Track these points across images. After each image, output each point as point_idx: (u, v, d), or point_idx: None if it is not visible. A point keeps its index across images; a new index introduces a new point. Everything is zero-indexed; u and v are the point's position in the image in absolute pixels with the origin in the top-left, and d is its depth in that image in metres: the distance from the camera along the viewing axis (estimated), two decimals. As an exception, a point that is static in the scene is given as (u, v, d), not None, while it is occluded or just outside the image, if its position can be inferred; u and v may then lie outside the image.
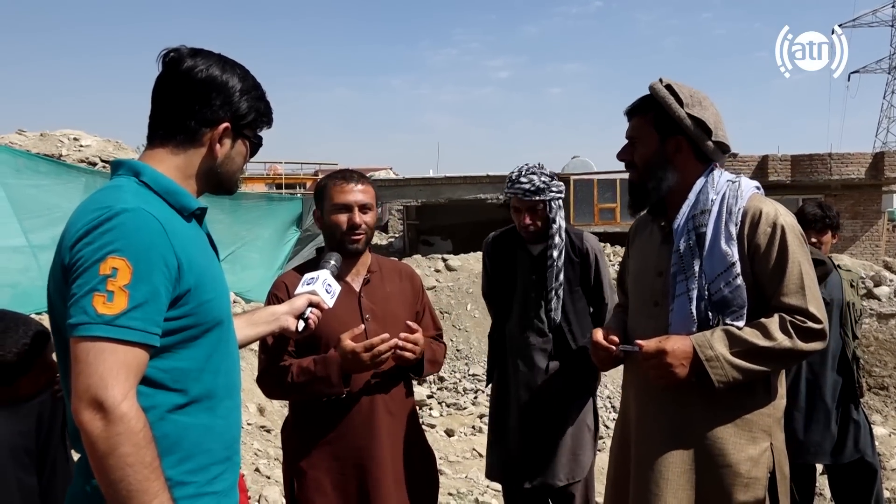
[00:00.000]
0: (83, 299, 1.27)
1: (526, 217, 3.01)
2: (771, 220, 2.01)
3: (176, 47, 1.52)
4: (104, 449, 1.22)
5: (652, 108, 2.08)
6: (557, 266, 3.00)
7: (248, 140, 1.59)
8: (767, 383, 2.06)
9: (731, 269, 1.99)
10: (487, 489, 5.15)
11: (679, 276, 2.07)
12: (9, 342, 1.98)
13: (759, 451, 2.03)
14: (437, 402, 7.57)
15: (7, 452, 1.92)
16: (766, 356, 1.96)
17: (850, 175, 18.15)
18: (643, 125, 2.11)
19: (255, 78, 1.59)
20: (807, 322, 1.96)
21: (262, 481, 4.66)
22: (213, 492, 1.47)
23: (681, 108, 2.04)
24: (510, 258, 3.17)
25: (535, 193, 2.97)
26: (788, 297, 1.98)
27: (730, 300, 2.00)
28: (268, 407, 6.18)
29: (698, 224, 2.05)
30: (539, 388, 3.03)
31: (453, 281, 12.09)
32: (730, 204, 2.04)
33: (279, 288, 2.38)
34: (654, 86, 2.08)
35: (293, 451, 2.37)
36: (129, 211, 1.34)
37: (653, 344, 2.00)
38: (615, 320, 2.44)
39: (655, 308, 2.16)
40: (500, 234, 3.28)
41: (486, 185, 19.72)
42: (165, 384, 1.39)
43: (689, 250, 2.05)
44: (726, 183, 2.10)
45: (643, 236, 2.32)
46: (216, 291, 1.48)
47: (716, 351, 1.95)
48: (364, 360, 2.15)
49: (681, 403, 2.07)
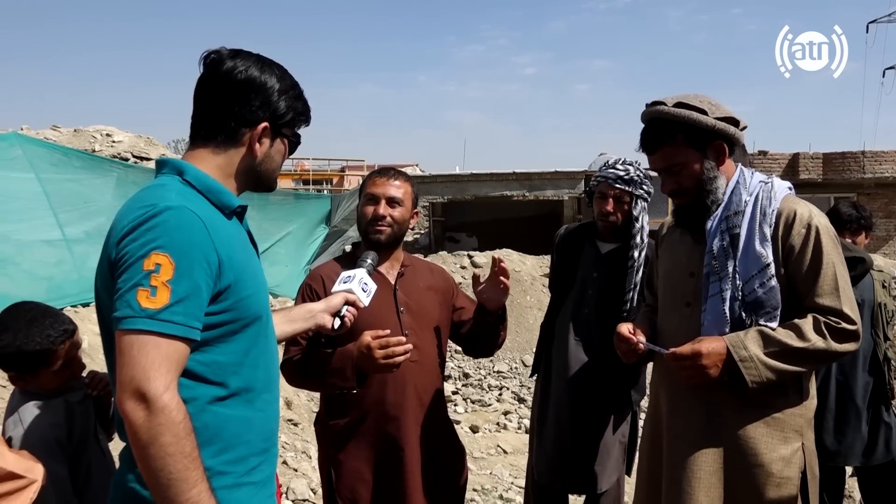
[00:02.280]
0: (128, 294, 1.31)
1: (610, 204, 2.92)
2: (805, 222, 2.02)
3: (216, 49, 1.56)
4: (146, 438, 1.27)
5: (678, 130, 2.06)
6: (638, 264, 2.88)
7: (286, 138, 1.62)
8: (799, 384, 2.07)
9: (765, 270, 2.00)
10: (512, 486, 5.16)
11: (712, 277, 2.07)
12: (34, 332, 2.04)
13: (791, 451, 2.03)
14: (462, 399, 7.59)
15: (39, 442, 1.98)
16: (800, 357, 1.96)
17: (883, 173, 17.78)
18: (677, 150, 2.08)
19: (292, 77, 1.62)
20: (841, 323, 1.96)
21: (289, 474, 4.72)
22: (251, 482, 1.51)
23: (709, 117, 2.03)
24: (576, 252, 3.09)
25: (627, 183, 2.89)
26: (822, 297, 1.98)
27: (764, 301, 2.01)
28: (294, 401, 6.25)
29: (732, 225, 2.06)
30: (577, 388, 2.94)
31: (479, 278, 12.09)
32: (763, 205, 2.05)
33: (315, 279, 2.41)
34: (665, 110, 2.06)
35: (328, 442, 2.41)
36: (173, 209, 1.38)
37: (687, 347, 2.01)
38: (644, 319, 2.43)
39: (687, 308, 2.16)
40: (574, 228, 3.22)
41: (513, 182, 19.67)
42: (206, 377, 1.43)
43: (723, 251, 2.06)
44: (759, 184, 2.11)
45: (674, 237, 2.31)
46: (255, 287, 1.52)
47: (750, 351, 1.96)
48: (376, 358, 2.12)
49: (712, 403, 2.07)
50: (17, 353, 2.03)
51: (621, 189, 2.89)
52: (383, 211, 2.38)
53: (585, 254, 3.05)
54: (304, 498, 4.45)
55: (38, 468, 1.73)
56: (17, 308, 2.11)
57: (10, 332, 2.03)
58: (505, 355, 8.67)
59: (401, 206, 2.42)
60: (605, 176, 2.92)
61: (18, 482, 1.69)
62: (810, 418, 2.11)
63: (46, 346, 2.05)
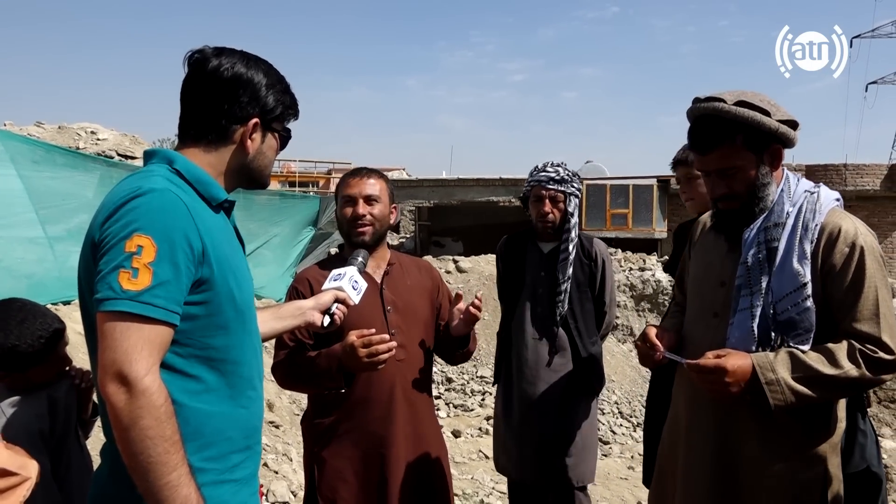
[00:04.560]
0: (109, 275, 1.31)
1: (546, 205, 3.08)
2: (850, 240, 1.87)
3: (200, 48, 1.55)
4: (127, 421, 1.26)
5: (738, 131, 1.89)
6: (570, 259, 3.05)
7: (277, 133, 1.62)
8: (828, 406, 1.94)
9: (801, 290, 1.86)
10: (493, 490, 5.16)
11: (744, 290, 1.94)
12: (26, 332, 2.02)
13: (812, 476, 1.92)
14: (445, 403, 7.59)
15: (24, 434, 1.96)
16: (830, 385, 1.82)
17: (865, 186, 18.02)
18: (735, 152, 1.92)
19: (278, 72, 1.61)
20: (878, 352, 1.81)
21: (270, 476, 4.69)
22: (233, 479, 1.50)
23: (773, 120, 1.88)
24: (521, 256, 3.22)
25: (559, 183, 3.06)
26: (861, 323, 1.84)
27: (796, 322, 1.87)
28: (276, 403, 6.21)
29: (770, 237, 1.92)
30: (541, 385, 3.06)
31: (463, 283, 12.10)
32: (807, 219, 1.90)
33: (302, 283, 2.41)
34: (725, 108, 1.89)
35: (314, 441, 2.41)
36: (156, 191, 1.37)
37: (711, 361, 1.86)
38: (672, 320, 2.32)
39: (714, 319, 2.04)
40: (514, 235, 3.34)
41: (499, 188, 19.72)
42: (187, 372, 1.42)
43: (758, 264, 1.92)
44: (804, 194, 1.96)
45: (707, 240, 2.17)
46: (238, 281, 1.51)
47: (778, 374, 1.82)
48: (360, 357, 2.12)
49: (732, 419, 1.97)
50: (10, 353, 2.01)
51: (555, 189, 3.07)
52: (362, 210, 2.38)
53: (530, 256, 3.20)
54: (284, 500, 4.43)
55: (32, 465, 1.71)
56: (6, 306, 2.09)
57: (2, 332, 2.01)
58: (488, 360, 8.67)
59: (379, 203, 2.42)
60: (538, 180, 3.09)
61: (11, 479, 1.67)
62: (836, 443, 1.98)
63: (38, 347, 2.03)
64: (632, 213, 19.16)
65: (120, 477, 1.34)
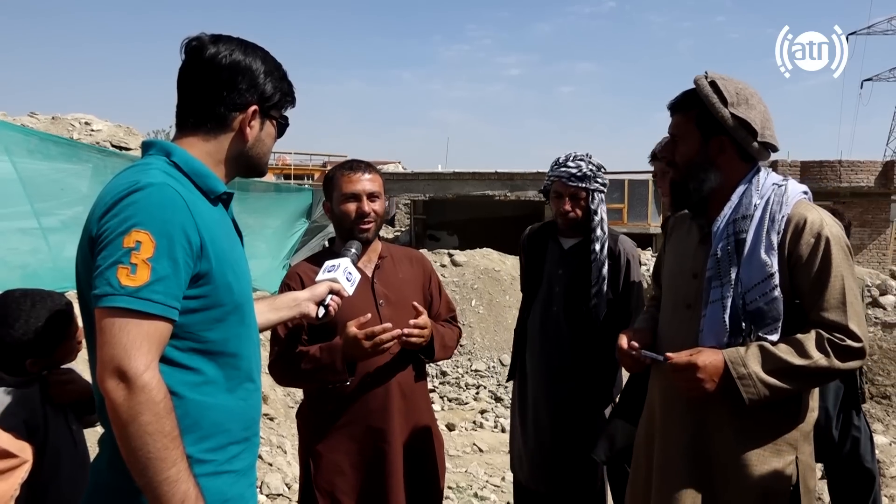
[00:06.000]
0: (108, 271, 1.30)
1: (567, 203, 2.92)
2: (815, 230, 1.91)
3: (196, 36, 1.54)
4: (126, 417, 1.26)
5: (695, 106, 1.98)
6: (600, 259, 2.88)
7: (275, 120, 1.61)
8: (798, 397, 1.98)
9: (768, 280, 1.90)
10: (487, 484, 5.17)
11: (714, 282, 1.98)
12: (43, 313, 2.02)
13: (783, 464, 1.95)
14: (439, 397, 7.60)
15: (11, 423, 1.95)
16: (801, 375, 1.87)
17: (859, 183, 18.08)
18: (685, 123, 2.02)
19: (275, 59, 1.61)
20: (846, 340, 1.85)
21: (264, 468, 4.70)
22: (232, 470, 1.51)
23: (725, 108, 1.93)
24: (541, 250, 3.09)
25: (581, 180, 2.89)
26: (828, 312, 1.87)
27: (765, 312, 1.91)
28: (271, 395, 6.21)
29: (738, 229, 1.96)
30: (554, 388, 2.91)
31: (458, 277, 12.11)
32: (773, 210, 1.94)
33: (293, 278, 2.41)
34: (699, 80, 1.97)
35: (310, 434, 2.41)
36: (155, 185, 1.36)
37: (684, 357, 1.93)
38: (646, 318, 2.36)
39: (688, 311, 2.08)
40: (538, 227, 3.21)
41: (495, 182, 19.70)
42: (186, 364, 1.42)
43: (727, 256, 1.96)
44: (772, 187, 2.00)
45: (681, 233, 2.23)
46: (237, 274, 1.51)
47: (749, 369, 1.86)
48: (365, 348, 2.16)
49: (704, 411, 2.01)
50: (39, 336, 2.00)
51: (576, 186, 2.90)
52: (368, 208, 2.38)
53: (550, 251, 3.05)
54: (278, 492, 4.44)
55: (28, 448, 1.71)
56: (7, 296, 2.07)
57: (22, 320, 2.00)
58: (483, 354, 8.68)
59: (379, 199, 2.43)
60: (559, 175, 2.92)
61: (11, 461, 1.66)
62: (808, 431, 2.01)
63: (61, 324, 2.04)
64: (627, 207, 19.20)
65: (119, 467, 1.33)
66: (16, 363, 2.04)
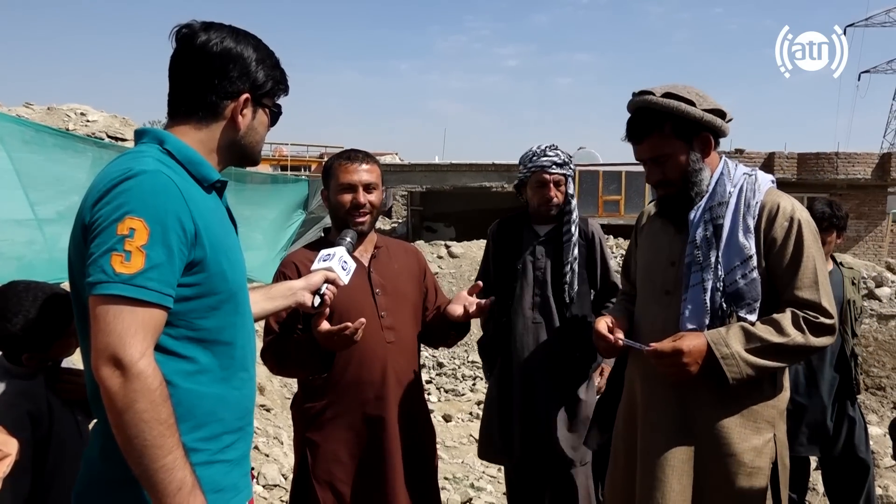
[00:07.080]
0: (101, 258, 1.29)
1: (551, 190, 3.05)
2: (788, 215, 2.04)
3: (188, 23, 1.52)
4: (121, 405, 1.25)
5: (665, 120, 2.06)
6: (574, 241, 3.04)
7: (267, 109, 1.60)
8: (773, 376, 2.09)
9: (748, 262, 2.02)
10: (483, 474, 5.19)
11: (694, 267, 2.08)
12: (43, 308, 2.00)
13: (763, 442, 2.06)
14: (436, 388, 7.61)
15: (8, 415, 1.95)
16: (780, 352, 1.98)
17: (856, 175, 18.09)
18: (664, 140, 2.08)
19: (267, 47, 1.59)
20: (819, 317, 1.98)
21: (260, 459, 4.70)
22: (226, 460, 1.50)
23: (697, 109, 2.03)
24: (516, 239, 3.18)
25: (562, 167, 3.06)
26: (802, 290, 2.00)
27: (744, 293, 2.02)
28: (267, 386, 6.22)
29: (716, 216, 2.07)
30: (542, 368, 3.04)
31: (455, 268, 12.12)
32: (748, 197, 2.07)
33: (288, 267, 2.40)
34: (654, 100, 2.05)
35: (305, 425, 2.41)
36: (148, 172, 1.35)
37: (667, 345, 2.01)
38: (620, 309, 2.44)
39: (667, 296, 2.17)
40: (507, 218, 3.30)
41: (492, 173, 19.70)
42: (180, 353, 1.41)
43: (706, 241, 2.07)
44: (743, 176, 2.13)
45: (654, 226, 2.32)
46: (231, 263, 1.50)
47: (731, 348, 1.96)
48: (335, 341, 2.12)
49: (687, 394, 2.09)
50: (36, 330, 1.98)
51: (559, 173, 3.05)
52: (363, 199, 2.38)
53: (526, 239, 3.16)
54: (274, 483, 4.45)
55: (12, 442, 1.70)
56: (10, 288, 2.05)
57: (21, 314, 1.98)
58: (479, 345, 8.70)
59: (376, 190, 2.43)
60: (541, 165, 3.05)
61: None
62: (783, 410, 2.14)
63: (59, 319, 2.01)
64: (624, 199, 19.19)
65: (112, 457, 1.33)
66: (13, 356, 2.04)
